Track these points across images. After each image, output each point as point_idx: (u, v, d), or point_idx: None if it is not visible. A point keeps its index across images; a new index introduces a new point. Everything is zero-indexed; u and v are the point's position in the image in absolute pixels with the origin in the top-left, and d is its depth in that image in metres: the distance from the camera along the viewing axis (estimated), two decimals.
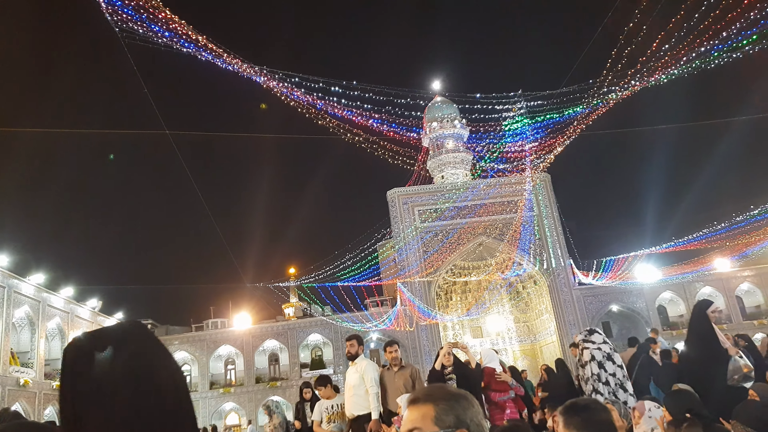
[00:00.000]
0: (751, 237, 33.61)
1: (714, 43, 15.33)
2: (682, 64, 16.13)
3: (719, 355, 6.59)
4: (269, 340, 42.73)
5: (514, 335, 45.56)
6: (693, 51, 15.63)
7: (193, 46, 16.05)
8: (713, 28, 15.06)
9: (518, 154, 29.33)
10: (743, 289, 44.00)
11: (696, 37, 15.55)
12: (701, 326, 6.85)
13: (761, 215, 29.56)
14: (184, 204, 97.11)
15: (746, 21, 14.58)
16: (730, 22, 14.74)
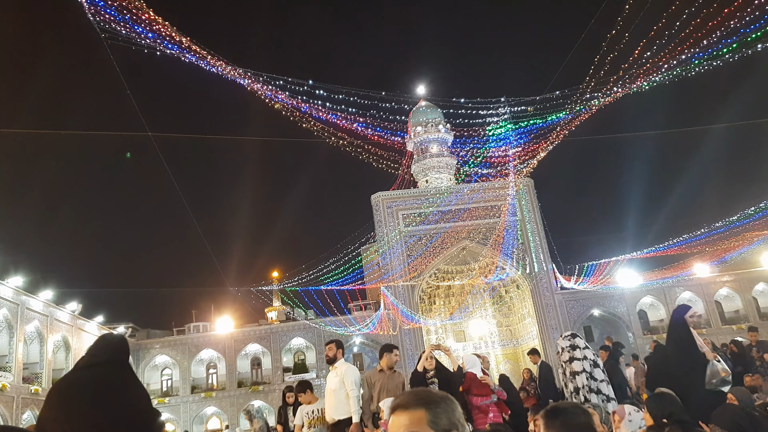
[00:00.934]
0: (729, 243, 34.12)
1: (694, 51, 15.57)
2: (664, 72, 16.36)
3: (697, 359, 6.65)
4: (252, 344, 42.45)
5: (497, 339, 45.74)
6: (674, 59, 15.86)
7: (176, 48, 15.93)
8: (694, 36, 15.30)
9: (502, 159, 29.51)
10: (722, 294, 44.62)
11: (677, 45, 15.77)
12: (680, 331, 6.92)
13: (739, 221, 30.02)
14: (166, 206, 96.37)
15: (726, 30, 14.83)
16: (711, 31, 14.98)
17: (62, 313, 35.08)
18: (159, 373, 42.66)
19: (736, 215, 29.80)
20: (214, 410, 41.24)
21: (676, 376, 6.64)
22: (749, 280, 44.19)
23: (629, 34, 16.29)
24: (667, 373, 7.00)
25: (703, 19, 15.02)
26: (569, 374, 8.64)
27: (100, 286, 70.93)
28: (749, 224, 30.19)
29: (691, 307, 7.38)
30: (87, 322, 37.68)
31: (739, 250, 35.99)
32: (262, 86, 17.17)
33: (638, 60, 16.38)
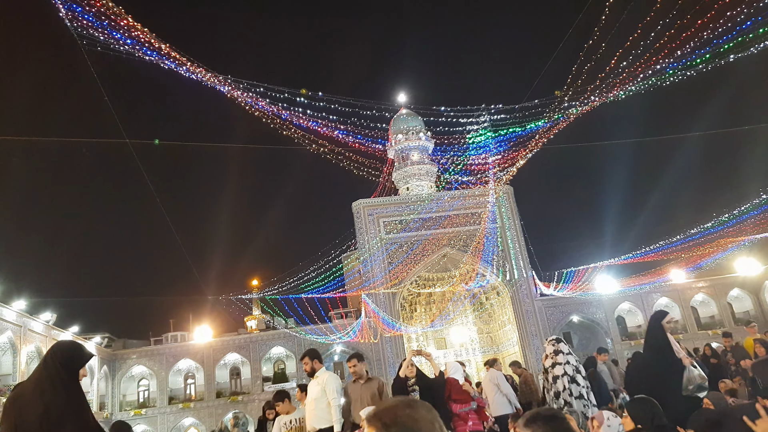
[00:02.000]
0: (705, 249, 34.68)
1: (669, 61, 15.86)
2: (639, 81, 16.64)
3: (674, 364, 6.74)
4: (231, 354, 42.00)
5: (478, 346, 45.87)
6: (649, 68, 16.15)
7: (156, 54, 15.80)
8: (668, 46, 15.59)
9: (482, 167, 29.68)
10: (698, 300, 45.32)
11: (652, 55, 16.06)
12: (657, 336, 7.01)
13: (714, 228, 30.54)
14: (144, 214, 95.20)
15: (699, 40, 15.15)
16: (684, 42, 15.29)
17: (36, 323, 34.36)
18: (136, 384, 41.99)
19: (711, 222, 30.33)
20: (192, 421, 40.67)
21: (654, 381, 6.72)
22: (724, 285, 44.96)
23: (606, 44, 16.55)
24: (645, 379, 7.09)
25: (677, 30, 15.33)
26: (551, 378, 8.72)
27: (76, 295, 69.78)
28: (723, 231, 30.74)
29: (668, 313, 7.49)
30: (62, 333, 36.92)
31: (714, 256, 36.62)
32: (242, 93, 17.11)
33: (615, 70, 16.66)
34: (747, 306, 45.25)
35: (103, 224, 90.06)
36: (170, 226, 41.14)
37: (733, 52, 15.26)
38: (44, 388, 3.60)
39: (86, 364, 4.01)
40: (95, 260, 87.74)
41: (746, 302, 45.32)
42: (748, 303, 45.22)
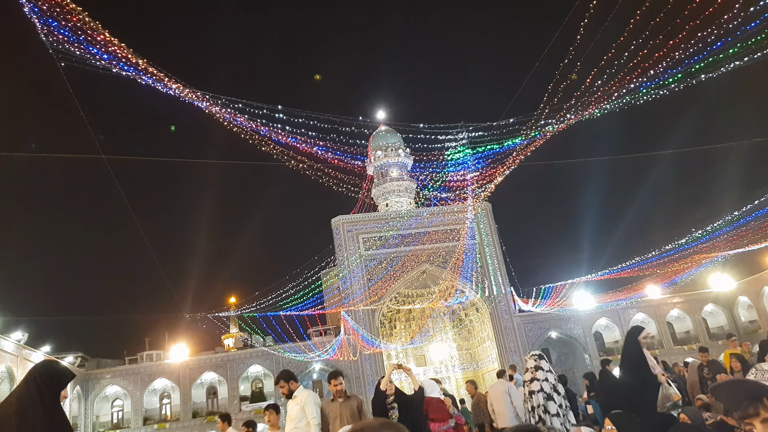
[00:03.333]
0: (679, 265, 35.17)
1: (642, 80, 16.21)
2: (614, 100, 16.96)
3: (650, 380, 6.79)
4: (207, 373, 41.34)
5: (457, 363, 45.79)
6: (623, 87, 16.47)
7: (133, 70, 15.68)
8: (642, 66, 15.94)
9: (460, 183, 29.85)
10: (673, 316, 45.90)
11: (626, 74, 16.39)
12: (633, 352, 7.06)
13: (688, 244, 31.02)
14: (119, 230, 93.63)
15: (671, 60, 15.51)
16: (657, 61, 15.65)
17: (7, 342, 33.48)
18: (109, 404, 41.06)
19: (685, 238, 30.80)
20: None
21: (630, 396, 6.76)
22: (699, 301, 45.63)
23: (581, 63, 16.87)
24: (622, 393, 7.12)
25: (650, 50, 15.69)
26: (527, 393, 8.75)
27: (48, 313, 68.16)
28: (697, 247, 31.23)
29: (644, 329, 7.56)
30: (33, 352, 36.01)
31: (688, 272, 37.15)
32: (220, 109, 17.03)
33: (590, 88, 16.96)
34: (721, 321, 45.94)
35: (77, 241, 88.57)
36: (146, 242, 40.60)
37: (704, 72, 15.66)
38: (25, 409, 3.52)
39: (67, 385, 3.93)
40: (69, 277, 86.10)
41: (720, 317, 46.02)
42: (722, 318, 45.92)
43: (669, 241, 31.91)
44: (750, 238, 30.15)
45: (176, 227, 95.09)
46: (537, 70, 22.57)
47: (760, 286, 42.97)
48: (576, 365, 42.70)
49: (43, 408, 3.68)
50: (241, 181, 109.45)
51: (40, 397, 3.61)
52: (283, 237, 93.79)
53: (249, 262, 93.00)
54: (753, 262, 42.33)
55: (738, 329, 43.97)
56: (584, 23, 15.98)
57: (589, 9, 15.57)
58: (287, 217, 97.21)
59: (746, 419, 1.70)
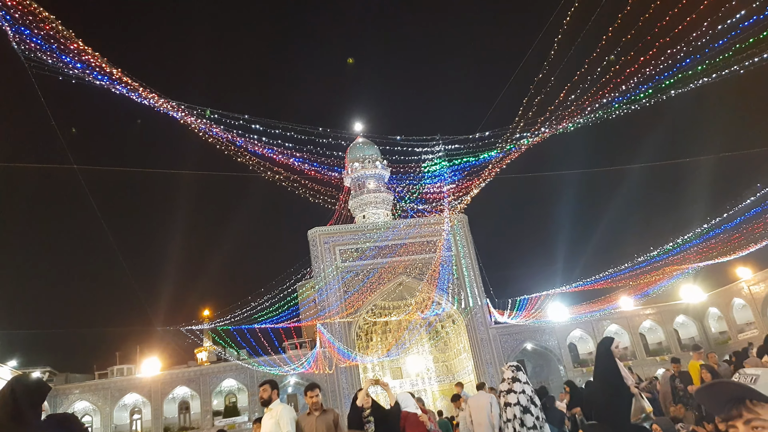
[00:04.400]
0: (651, 277, 35.75)
1: (614, 95, 16.54)
2: (587, 114, 17.27)
3: (623, 391, 6.84)
4: (180, 387, 40.61)
5: (434, 375, 45.73)
6: (596, 102, 16.79)
7: (107, 79, 15.49)
8: (614, 81, 16.28)
9: (437, 195, 30.02)
10: (646, 327, 46.53)
11: (599, 89, 16.72)
12: (606, 363, 7.10)
13: (660, 256, 31.56)
14: (90, 242, 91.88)
15: (642, 76, 15.87)
16: (629, 77, 16.00)
17: None
18: None
19: (656, 250, 31.34)
20: None
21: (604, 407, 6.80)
22: (670, 312, 46.36)
23: (555, 78, 17.16)
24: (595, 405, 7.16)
25: (621, 65, 16.05)
26: (503, 404, 8.77)
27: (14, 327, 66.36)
28: (668, 259, 31.79)
29: (615, 339, 7.63)
30: None
31: (660, 283, 37.78)
32: (196, 119, 16.90)
33: (563, 102, 17.24)
34: (692, 332, 46.70)
35: (46, 252, 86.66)
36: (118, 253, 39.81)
37: (674, 88, 16.05)
38: (7, 426, 3.42)
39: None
40: (36, 290, 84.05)
41: (691, 328, 46.79)
42: (693, 329, 46.69)
43: (641, 253, 32.45)
44: (719, 250, 30.82)
45: (149, 238, 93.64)
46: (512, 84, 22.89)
47: (730, 297, 43.85)
48: (551, 377, 42.97)
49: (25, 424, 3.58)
50: (216, 193, 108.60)
51: (19, 413, 3.50)
52: (258, 249, 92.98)
53: (224, 274, 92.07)
54: (722, 274, 43.27)
55: (708, 340, 44.74)
56: (558, 39, 16.28)
57: (563, 26, 15.87)
58: (263, 228, 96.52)
59: (730, 421, 1.72)
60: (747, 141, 53.08)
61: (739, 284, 42.66)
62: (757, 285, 41.38)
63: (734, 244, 30.20)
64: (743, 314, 43.40)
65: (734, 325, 43.74)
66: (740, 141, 56.15)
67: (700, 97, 39.48)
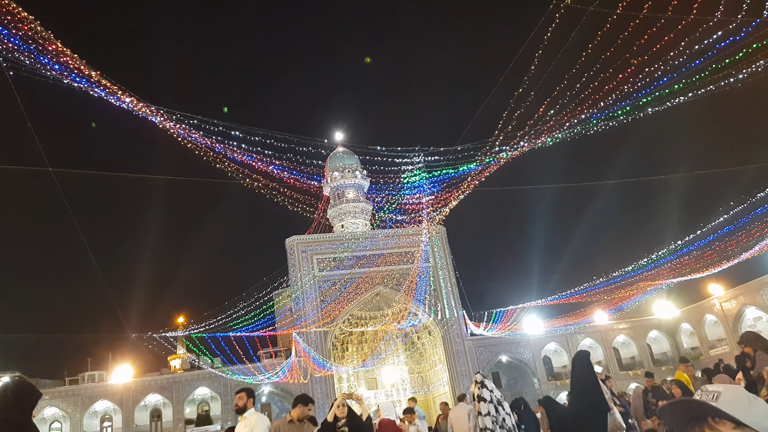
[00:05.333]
0: (626, 291, 36.20)
1: (593, 111, 16.79)
2: (565, 129, 17.49)
3: (602, 406, 6.88)
4: (152, 395, 39.93)
5: (408, 386, 45.60)
6: (575, 117, 17.02)
7: (85, 81, 15.28)
8: (592, 98, 16.53)
9: (416, 206, 30.08)
10: (620, 341, 47.01)
11: (577, 105, 16.95)
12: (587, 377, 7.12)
13: (634, 271, 31.98)
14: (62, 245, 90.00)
15: (620, 93, 16.15)
16: (607, 93, 16.26)
17: None
18: (47, 427, 39.06)
19: (631, 265, 31.76)
20: None
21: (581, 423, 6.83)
22: (644, 327, 46.94)
23: (534, 93, 17.36)
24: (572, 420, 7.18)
25: (600, 82, 16.31)
26: (475, 412, 8.78)
27: None
28: (643, 274, 32.23)
29: (590, 353, 7.69)
30: None
31: (634, 298, 38.27)
32: (175, 124, 16.73)
33: (543, 117, 17.45)
34: (665, 347, 47.31)
35: (17, 255, 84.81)
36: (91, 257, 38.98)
37: (651, 106, 16.35)
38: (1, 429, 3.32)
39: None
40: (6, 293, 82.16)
41: (664, 344, 47.40)
42: (665, 345, 47.30)
43: (616, 268, 32.86)
44: (692, 266, 31.35)
45: (124, 243, 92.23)
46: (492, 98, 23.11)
47: (702, 313, 44.53)
48: (525, 389, 43.13)
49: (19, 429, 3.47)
50: (193, 198, 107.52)
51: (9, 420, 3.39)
52: (235, 256, 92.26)
53: (199, 281, 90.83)
54: (695, 291, 43.99)
55: (680, 355, 45.32)
56: (538, 54, 16.49)
57: (544, 41, 16.09)
58: (240, 236, 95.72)
59: None
60: (720, 160, 54.30)
61: (711, 301, 43.36)
62: (728, 302, 42.09)
63: (707, 261, 30.76)
64: (715, 330, 44.10)
65: (706, 341, 44.40)
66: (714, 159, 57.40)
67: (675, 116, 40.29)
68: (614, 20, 15.22)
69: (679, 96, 15.84)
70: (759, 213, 26.14)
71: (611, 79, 15.97)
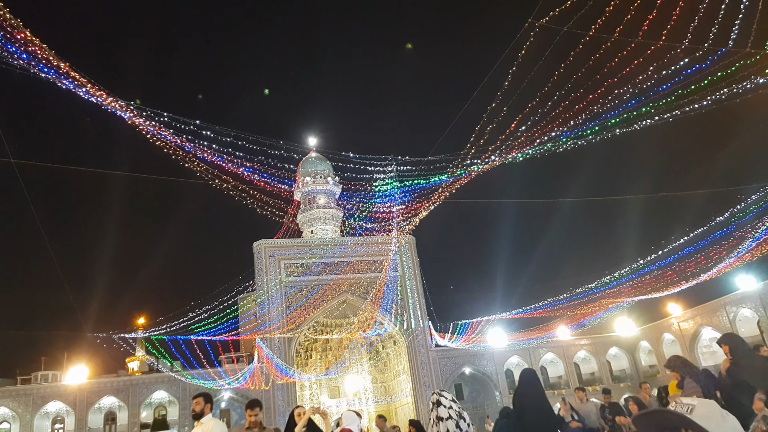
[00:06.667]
0: (588, 308, 36.78)
1: (563, 129, 17.09)
2: (536, 145, 17.76)
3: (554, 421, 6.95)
4: (107, 397, 38.94)
5: (371, 396, 45.46)
6: (545, 134, 17.29)
7: (53, 72, 14.93)
8: (563, 116, 16.83)
9: (386, 215, 30.10)
10: (580, 357, 47.68)
11: (548, 122, 17.24)
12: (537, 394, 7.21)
13: (596, 289, 32.53)
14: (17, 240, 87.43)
15: (590, 113, 16.49)
16: (577, 113, 16.58)
17: None
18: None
19: (594, 283, 32.30)
20: None
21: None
22: (604, 344, 47.70)
23: (507, 108, 17.59)
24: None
25: (570, 102, 16.63)
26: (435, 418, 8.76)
27: None
28: (605, 291, 32.80)
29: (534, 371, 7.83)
30: None
31: (595, 315, 38.89)
32: (144, 121, 16.45)
33: (514, 133, 17.68)
34: (624, 364, 48.15)
35: None
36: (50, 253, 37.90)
37: (619, 127, 16.73)
38: None
39: None
40: None
41: (623, 361, 48.24)
42: (624, 362, 48.14)
43: (579, 284, 33.38)
44: (652, 286, 32.04)
45: (85, 239, 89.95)
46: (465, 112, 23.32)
47: (660, 332, 45.48)
48: (487, 402, 43.43)
49: None
50: (160, 197, 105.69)
51: None
52: (201, 258, 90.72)
53: (162, 281, 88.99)
54: (654, 310, 44.89)
55: (639, 373, 46.20)
56: (512, 71, 16.73)
57: (518, 58, 16.34)
58: (207, 237, 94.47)
59: None
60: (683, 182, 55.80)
61: (669, 320, 44.32)
62: (686, 321, 43.09)
63: (666, 281, 31.48)
64: (672, 349, 45.02)
65: (663, 359, 45.26)
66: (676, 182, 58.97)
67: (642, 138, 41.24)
68: (586, 42, 15.56)
69: (646, 119, 16.25)
70: (718, 236, 26.91)
71: (581, 99, 16.31)
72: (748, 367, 7.90)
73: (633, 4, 14.61)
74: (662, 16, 14.82)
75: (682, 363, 8.63)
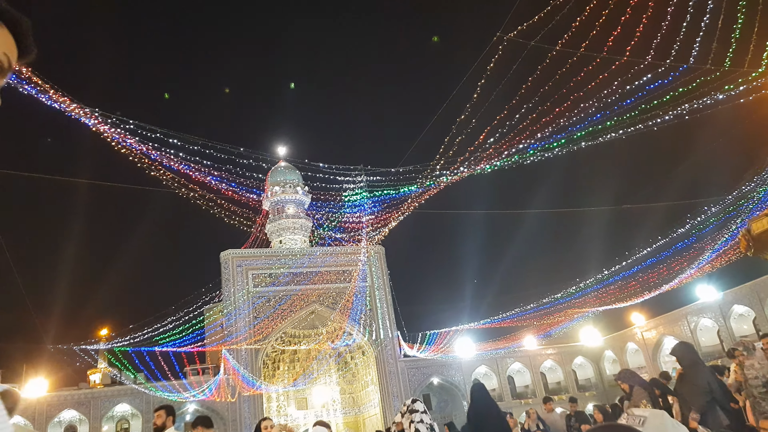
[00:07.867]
0: (554, 318, 37.29)
1: (530, 142, 17.37)
2: (504, 157, 18.00)
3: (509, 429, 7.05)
4: (67, 410, 37.78)
5: (339, 407, 45.11)
6: (513, 146, 17.55)
7: (13, 77, 14.57)
8: (530, 129, 17.11)
9: (355, 225, 30.09)
10: (547, 366, 48.17)
11: (516, 134, 17.50)
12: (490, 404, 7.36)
13: (562, 299, 33.03)
14: None
15: (557, 126, 16.80)
16: (544, 126, 16.88)
17: None
18: None
19: (560, 293, 32.80)
20: None
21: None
22: (570, 353, 48.29)
23: (475, 120, 17.81)
24: None
25: (538, 114, 16.92)
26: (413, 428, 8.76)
27: None
28: (570, 301, 33.32)
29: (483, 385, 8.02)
30: None
31: (562, 325, 39.46)
32: (109, 128, 16.14)
33: (482, 144, 17.90)
34: (589, 374, 48.81)
35: None
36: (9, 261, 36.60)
37: (584, 140, 17.08)
38: None
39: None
40: None
41: (588, 370, 48.90)
42: (590, 371, 48.81)
43: (545, 294, 33.84)
44: (617, 296, 32.68)
45: (44, 248, 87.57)
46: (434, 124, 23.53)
47: (624, 342, 46.26)
48: (455, 412, 43.46)
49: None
50: (124, 205, 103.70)
51: None
52: (166, 268, 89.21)
53: (125, 291, 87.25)
54: (618, 319, 45.66)
55: (603, 382, 46.89)
56: (481, 84, 16.95)
57: (487, 71, 16.56)
58: (172, 247, 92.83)
59: None
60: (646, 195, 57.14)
61: (632, 330, 45.11)
62: (649, 331, 43.92)
63: (630, 291, 32.14)
64: (636, 358, 45.84)
65: (627, 368, 46.04)
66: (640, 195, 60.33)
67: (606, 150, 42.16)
68: (553, 56, 15.88)
69: (611, 132, 16.63)
70: (679, 248, 27.61)
71: (548, 112, 16.62)
72: (688, 383, 8.49)
73: (599, 20, 14.99)
74: (627, 32, 15.24)
75: (630, 374, 9.83)
